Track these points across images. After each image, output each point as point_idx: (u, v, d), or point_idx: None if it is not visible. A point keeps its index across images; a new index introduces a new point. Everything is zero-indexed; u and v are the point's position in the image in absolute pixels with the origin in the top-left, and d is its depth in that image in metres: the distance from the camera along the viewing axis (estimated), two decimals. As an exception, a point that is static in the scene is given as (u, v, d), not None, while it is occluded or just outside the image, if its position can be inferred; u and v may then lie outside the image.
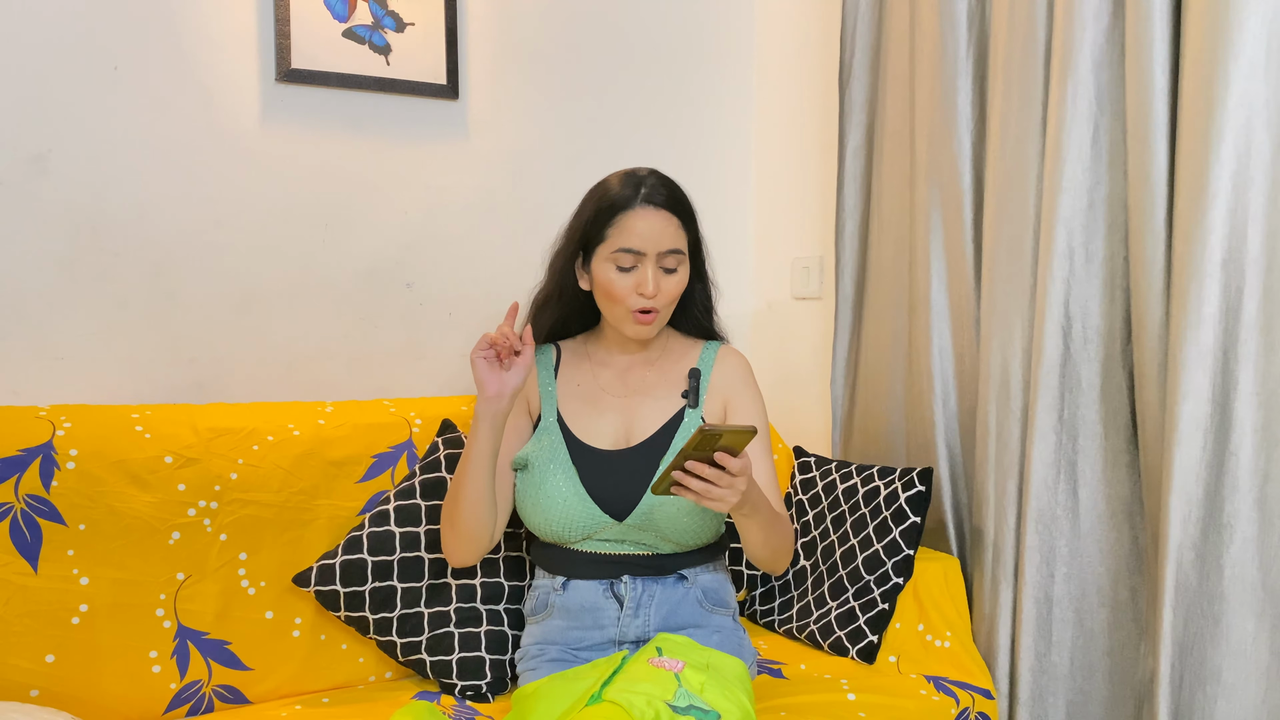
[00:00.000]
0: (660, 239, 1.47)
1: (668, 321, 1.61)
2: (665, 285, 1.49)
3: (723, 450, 1.25)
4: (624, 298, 1.48)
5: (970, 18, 1.78)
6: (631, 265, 1.47)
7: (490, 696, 1.57)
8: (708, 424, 1.19)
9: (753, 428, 1.21)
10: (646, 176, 1.50)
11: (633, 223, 1.46)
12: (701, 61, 2.29)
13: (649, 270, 1.46)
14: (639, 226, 1.46)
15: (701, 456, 1.26)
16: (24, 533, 1.44)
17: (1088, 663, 1.64)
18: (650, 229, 1.46)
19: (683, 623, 1.51)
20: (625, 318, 1.51)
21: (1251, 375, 1.40)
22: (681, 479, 1.27)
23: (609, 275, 1.49)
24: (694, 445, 1.23)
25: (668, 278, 1.49)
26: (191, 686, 1.51)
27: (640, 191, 1.47)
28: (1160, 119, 1.48)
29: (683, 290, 1.53)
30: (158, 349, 1.78)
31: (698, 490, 1.27)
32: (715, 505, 1.28)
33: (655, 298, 1.47)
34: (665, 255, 1.48)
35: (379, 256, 1.96)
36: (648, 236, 1.46)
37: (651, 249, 1.46)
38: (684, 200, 1.52)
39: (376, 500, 1.68)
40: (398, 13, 1.91)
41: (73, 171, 1.70)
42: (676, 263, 1.49)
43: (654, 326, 1.52)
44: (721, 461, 1.26)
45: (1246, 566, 1.41)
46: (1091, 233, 1.59)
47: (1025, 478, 1.65)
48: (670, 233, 1.48)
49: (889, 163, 1.95)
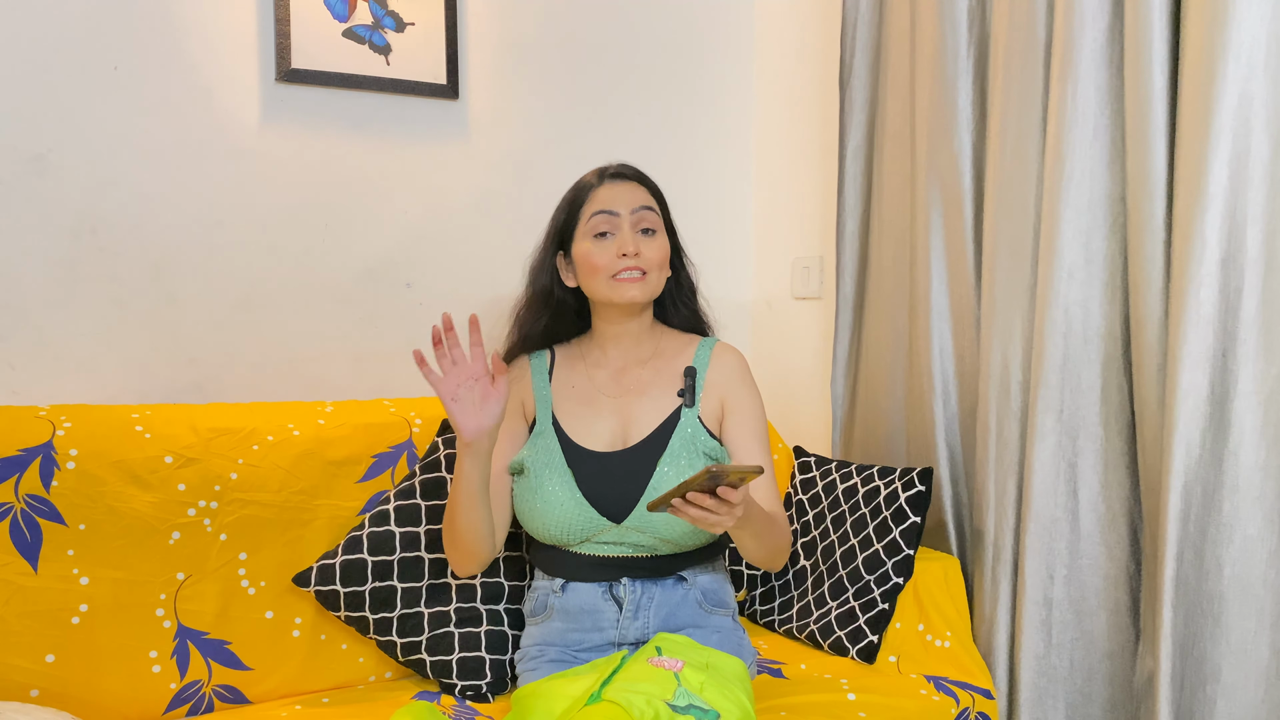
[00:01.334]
0: (631, 199, 1.51)
1: (661, 317, 1.62)
2: (644, 245, 1.50)
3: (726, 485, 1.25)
4: (606, 265, 1.49)
5: (970, 17, 1.78)
6: (608, 230, 1.50)
7: (490, 696, 1.57)
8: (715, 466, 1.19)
9: (759, 467, 1.20)
10: (610, 165, 1.57)
11: (601, 194, 1.52)
12: (701, 61, 2.29)
13: (625, 230, 1.49)
14: (606, 195, 1.51)
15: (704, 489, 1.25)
16: (24, 533, 1.44)
17: (1088, 664, 1.64)
18: (617, 193, 1.51)
19: (682, 624, 1.51)
20: (609, 287, 1.50)
21: (1250, 375, 1.40)
22: (680, 505, 1.26)
23: (587, 249, 1.51)
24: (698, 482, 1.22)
25: (647, 239, 1.51)
26: (191, 686, 1.51)
27: (605, 171, 1.55)
28: (1159, 119, 1.48)
29: (665, 255, 1.53)
30: (158, 349, 1.78)
31: (694, 516, 1.25)
32: (711, 529, 1.27)
33: (638, 255, 1.49)
34: (639, 213, 1.51)
35: (379, 256, 1.96)
36: (617, 199, 1.51)
37: (624, 208, 1.50)
38: (651, 181, 1.57)
39: (376, 500, 1.68)
40: (398, 13, 1.91)
41: (72, 171, 1.70)
42: (653, 223, 1.52)
43: (644, 286, 1.50)
44: (723, 495, 1.24)
45: (1246, 566, 1.41)
46: (1092, 232, 1.59)
47: (1026, 478, 1.65)
48: (640, 195, 1.53)
49: (889, 162, 1.95)
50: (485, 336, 1.45)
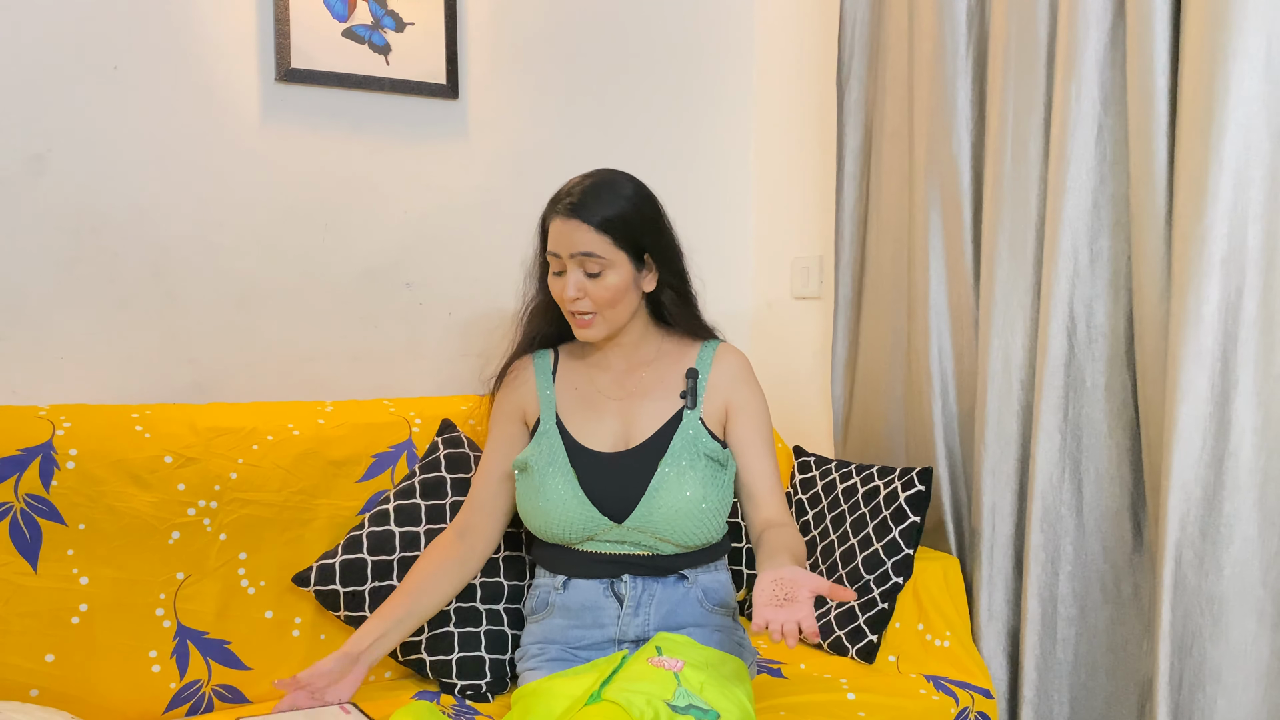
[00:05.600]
0: (571, 243, 1.48)
1: (659, 322, 1.61)
2: (590, 288, 1.49)
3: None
4: (561, 300, 1.52)
5: (970, 17, 1.78)
6: (560, 269, 1.51)
7: (490, 696, 1.57)
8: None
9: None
10: (574, 186, 1.51)
11: (552, 229, 1.51)
12: (701, 61, 2.29)
13: (570, 274, 1.49)
14: (555, 231, 1.51)
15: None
16: (24, 532, 1.44)
17: (1091, 660, 1.64)
18: (561, 234, 1.49)
19: (682, 622, 1.51)
20: (570, 320, 1.54)
21: (1251, 374, 1.40)
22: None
23: (550, 280, 1.54)
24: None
25: (591, 281, 1.49)
26: (191, 686, 1.51)
27: (561, 201, 1.50)
28: (1161, 119, 1.48)
29: (616, 293, 1.49)
30: (158, 349, 1.78)
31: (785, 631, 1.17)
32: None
33: (578, 300, 1.49)
34: (579, 258, 1.48)
35: (379, 256, 1.96)
36: (559, 241, 1.50)
37: (564, 251, 1.49)
38: (606, 214, 1.48)
39: (376, 500, 1.68)
40: (397, 12, 1.91)
41: (73, 171, 1.70)
42: (598, 266, 1.48)
43: (594, 330, 1.52)
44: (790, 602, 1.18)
45: (1246, 566, 1.41)
46: (1096, 232, 1.59)
47: (1029, 476, 1.66)
48: (578, 238, 1.47)
49: (888, 162, 1.95)
50: (482, 345, 1.45)
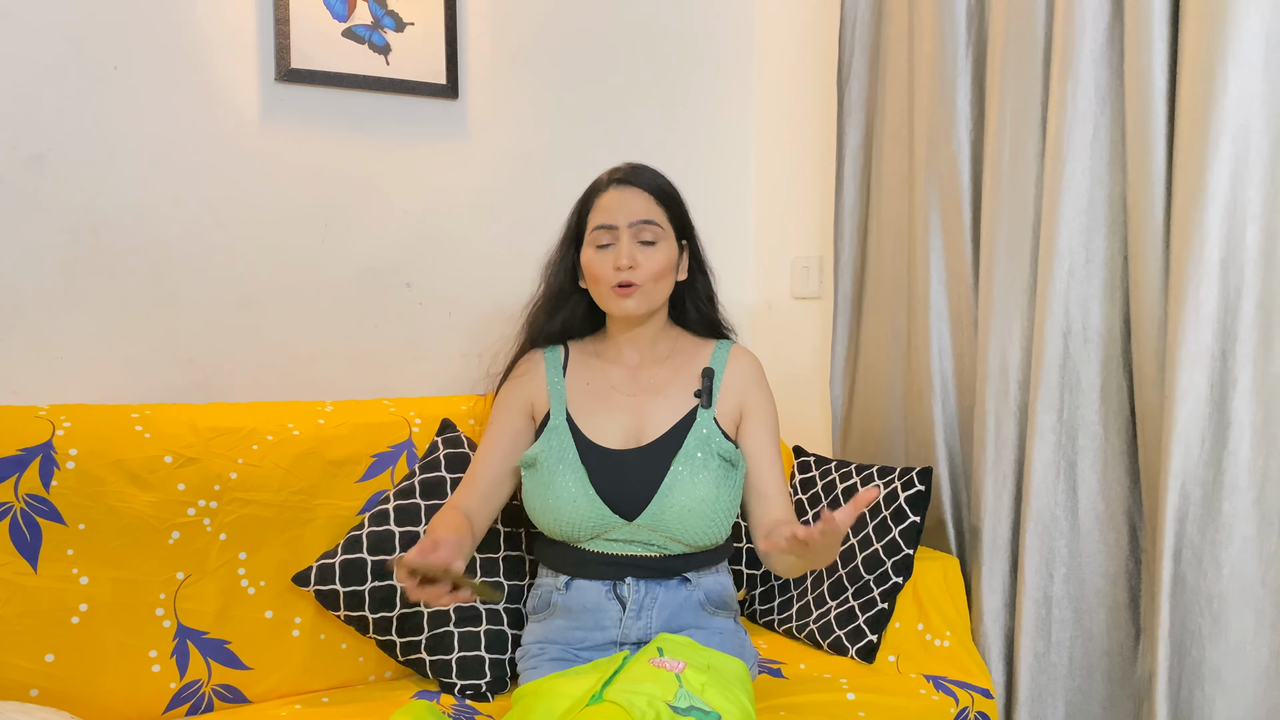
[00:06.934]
0: (631, 210, 1.49)
1: (674, 318, 1.62)
2: (642, 258, 1.49)
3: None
4: (604, 275, 1.50)
5: (969, 17, 1.78)
6: (608, 242, 1.50)
7: (490, 696, 1.57)
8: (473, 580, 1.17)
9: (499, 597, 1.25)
10: (623, 166, 1.55)
11: (605, 201, 1.51)
12: (701, 61, 2.29)
13: (624, 242, 1.49)
14: (609, 203, 1.51)
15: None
16: (24, 532, 1.45)
17: (1087, 662, 1.64)
18: (619, 202, 1.50)
19: (684, 625, 1.51)
20: (609, 297, 1.52)
21: (1250, 375, 1.40)
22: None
23: (590, 257, 1.53)
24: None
25: (645, 250, 1.50)
26: (191, 686, 1.51)
27: (613, 176, 1.53)
28: (1159, 119, 1.48)
29: (666, 267, 1.51)
30: (158, 349, 1.78)
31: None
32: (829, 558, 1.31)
33: (633, 270, 1.48)
34: (638, 226, 1.49)
35: (378, 256, 1.96)
36: (617, 210, 1.50)
37: (623, 220, 1.49)
38: (661, 183, 1.54)
39: (376, 500, 1.68)
40: (397, 12, 1.91)
41: (72, 171, 1.70)
42: (654, 235, 1.50)
43: (636, 301, 1.50)
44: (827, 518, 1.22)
45: (1245, 566, 1.41)
46: (1092, 232, 1.59)
47: (1025, 477, 1.66)
48: (640, 205, 1.50)
49: (888, 162, 1.95)
50: (482, 345, 1.45)
